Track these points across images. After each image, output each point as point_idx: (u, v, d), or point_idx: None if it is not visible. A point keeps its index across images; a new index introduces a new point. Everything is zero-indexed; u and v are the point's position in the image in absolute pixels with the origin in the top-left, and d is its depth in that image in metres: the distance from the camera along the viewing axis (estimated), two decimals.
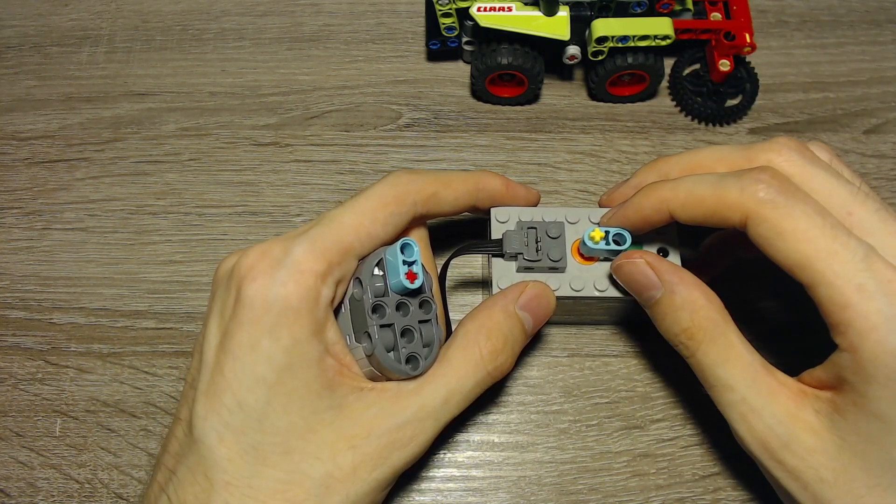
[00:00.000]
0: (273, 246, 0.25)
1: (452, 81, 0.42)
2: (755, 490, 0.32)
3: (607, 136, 0.40)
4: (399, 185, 0.27)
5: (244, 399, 0.23)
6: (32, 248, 0.38)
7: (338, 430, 0.24)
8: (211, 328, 0.25)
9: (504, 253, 0.29)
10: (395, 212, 0.27)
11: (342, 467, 0.24)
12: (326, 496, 0.23)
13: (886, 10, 0.45)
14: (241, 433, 0.23)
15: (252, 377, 0.23)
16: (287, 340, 0.23)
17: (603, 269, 0.30)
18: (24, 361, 0.35)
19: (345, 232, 0.25)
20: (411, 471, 0.32)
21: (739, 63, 0.41)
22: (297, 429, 0.24)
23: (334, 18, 0.45)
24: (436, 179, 0.28)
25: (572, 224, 0.30)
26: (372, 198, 0.26)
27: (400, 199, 0.27)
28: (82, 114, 0.41)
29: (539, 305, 0.28)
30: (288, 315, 0.23)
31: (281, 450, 0.23)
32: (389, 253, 0.25)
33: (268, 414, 0.23)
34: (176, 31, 0.44)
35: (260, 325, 0.23)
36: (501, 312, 0.27)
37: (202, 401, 0.24)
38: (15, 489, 0.32)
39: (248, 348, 0.23)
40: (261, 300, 0.23)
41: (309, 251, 0.24)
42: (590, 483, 0.32)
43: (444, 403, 0.25)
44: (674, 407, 0.34)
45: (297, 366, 0.24)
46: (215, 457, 0.23)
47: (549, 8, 0.36)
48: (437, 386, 0.25)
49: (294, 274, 0.24)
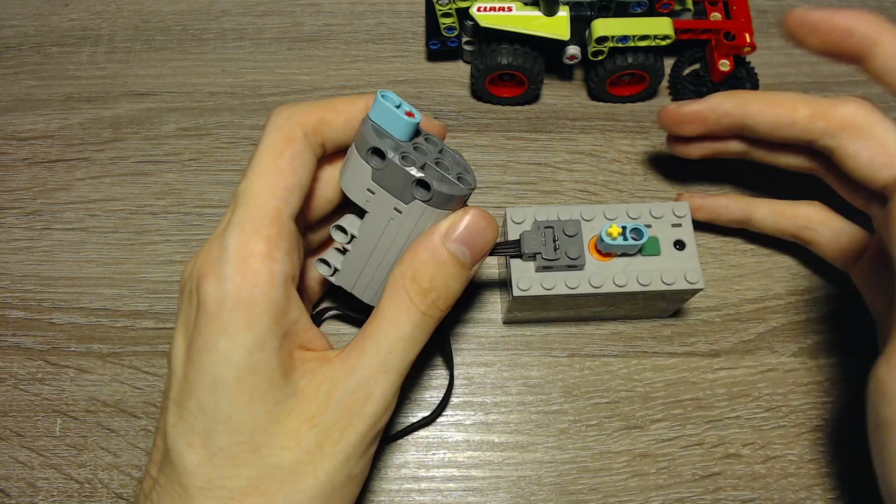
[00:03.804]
0: (210, 246, 0.24)
1: (452, 81, 0.42)
2: (755, 490, 0.32)
3: (607, 136, 0.40)
4: (283, 126, 0.26)
5: (206, 403, 0.23)
6: (32, 248, 0.38)
7: (299, 415, 0.24)
8: (177, 338, 0.25)
9: (522, 254, 0.29)
10: (294, 152, 0.25)
11: (308, 450, 0.24)
12: (299, 481, 0.23)
13: (886, 10, 0.45)
14: (207, 437, 0.23)
15: (211, 380, 0.23)
16: (245, 338, 0.23)
17: (621, 265, 0.30)
18: (24, 361, 0.35)
19: (263, 201, 0.24)
20: (411, 470, 0.32)
21: (739, 63, 0.41)
22: (262, 423, 0.23)
23: (334, 18, 0.45)
24: (318, 106, 0.27)
25: (588, 221, 0.30)
26: (265, 152, 0.25)
27: (289, 137, 0.26)
28: (82, 114, 0.41)
29: (474, 236, 0.26)
30: (242, 309, 0.23)
31: (249, 447, 0.23)
32: (374, 114, 0.25)
33: (230, 414, 0.23)
34: (176, 31, 0.44)
35: (215, 327, 0.23)
36: (426, 251, 0.25)
37: (172, 409, 0.24)
38: (15, 489, 0.32)
39: (206, 351, 0.23)
40: (213, 301, 0.23)
41: (241, 238, 0.24)
42: (590, 483, 0.32)
43: (389, 353, 0.25)
44: (674, 407, 0.34)
45: (259, 363, 0.23)
46: (185, 463, 0.23)
47: (549, 8, 0.36)
48: (376, 339, 0.25)
49: (237, 265, 0.23)
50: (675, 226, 0.31)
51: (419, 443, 0.33)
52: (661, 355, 0.35)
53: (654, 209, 0.31)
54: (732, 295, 0.36)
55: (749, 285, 0.36)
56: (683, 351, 0.35)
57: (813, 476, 0.32)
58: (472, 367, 0.35)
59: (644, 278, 0.30)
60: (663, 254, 0.30)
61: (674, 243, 0.30)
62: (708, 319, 0.36)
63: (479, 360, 0.35)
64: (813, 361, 0.35)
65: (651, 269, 0.30)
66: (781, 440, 0.33)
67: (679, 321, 0.36)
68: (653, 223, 0.31)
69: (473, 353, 0.35)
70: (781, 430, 0.33)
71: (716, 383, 0.34)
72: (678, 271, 0.30)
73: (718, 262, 0.37)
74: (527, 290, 0.29)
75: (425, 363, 0.35)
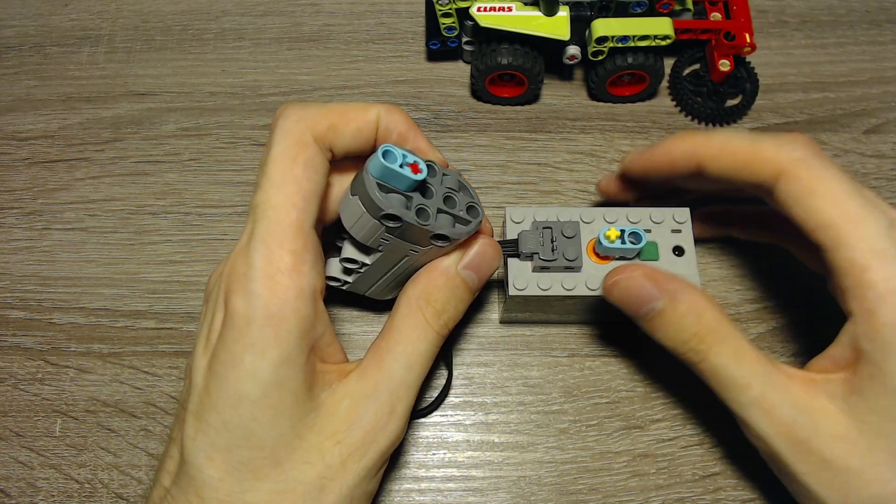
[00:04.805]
0: (235, 261, 0.24)
1: (452, 81, 0.42)
2: (755, 490, 0.32)
3: (607, 136, 0.40)
4: (293, 131, 0.25)
5: (229, 418, 0.23)
6: (32, 248, 0.38)
7: (321, 431, 0.24)
8: (198, 348, 0.25)
9: (520, 253, 0.29)
10: (307, 159, 0.25)
11: (332, 465, 0.24)
12: (321, 497, 0.23)
13: (886, 10, 0.45)
14: (229, 451, 0.23)
15: (235, 395, 0.23)
16: (274, 354, 0.23)
17: None
18: (24, 361, 0.35)
19: (284, 213, 0.24)
20: (411, 470, 0.32)
21: (739, 63, 0.41)
22: (286, 438, 0.23)
23: (334, 18, 0.45)
24: (329, 111, 0.26)
25: (587, 223, 0.30)
26: (279, 160, 0.25)
27: (301, 143, 0.25)
28: (82, 114, 0.41)
29: (482, 263, 0.28)
30: (272, 324, 0.23)
31: (271, 462, 0.23)
32: (376, 172, 0.24)
33: (254, 430, 0.23)
34: (176, 31, 0.44)
35: (242, 342, 0.23)
36: (442, 276, 0.27)
37: (191, 421, 0.24)
38: (15, 489, 0.32)
39: (231, 366, 0.23)
40: (242, 317, 0.23)
41: (266, 253, 0.23)
42: (590, 483, 0.32)
43: (409, 370, 0.25)
44: (674, 407, 0.34)
45: (286, 378, 0.23)
46: (204, 477, 0.23)
47: (549, 8, 0.36)
48: (395, 356, 0.25)
49: (264, 282, 0.23)
50: (674, 231, 0.30)
51: (419, 443, 0.33)
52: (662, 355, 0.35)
53: (654, 214, 0.31)
54: (732, 295, 0.36)
55: (749, 285, 0.36)
56: None
57: None
58: (472, 367, 0.35)
59: None
60: (662, 259, 0.30)
61: (673, 249, 0.30)
62: None
63: (479, 360, 0.35)
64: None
65: None
66: None
67: None
68: (652, 228, 0.31)
69: (473, 353, 0.35)
70: None
71: None
72: None
73: (718, 262, 0.37)
74: (523, 289, 0.29)
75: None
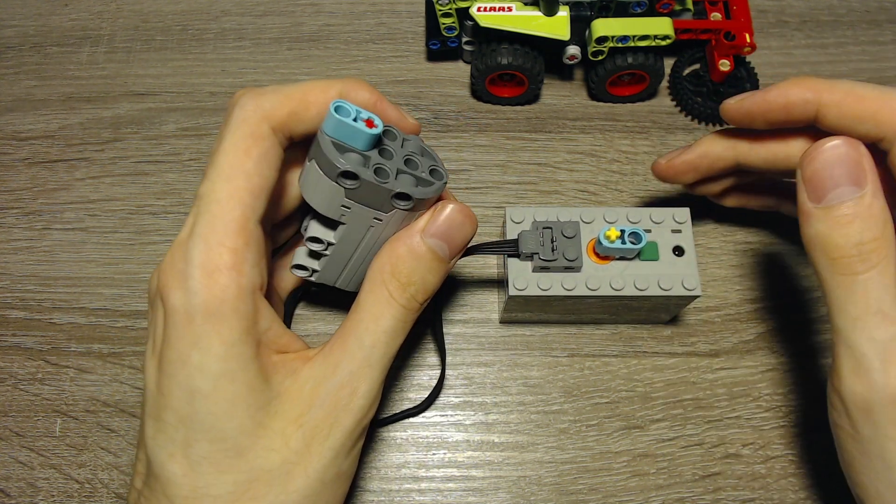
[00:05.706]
0: (173, 255, 0.23)
1: (452, 81, 0.42)
2: (755, 490, 0.32)
3: (607, 136, 0.40)
4: (248, 120, 0.24)
5: (185, 414, 0.23)
6: (32, 248, 0.38)
7: (284, 416, 0.24)
8: (148, 349, 0.25)
9: (520, 253, 0.29)
10: (261, 152, 0.24)
11: (296, 450, 0.24)
12: (288, 482, 0.23)
13: (886, 10, 0.45)
14: (188, 447, 0.23)
15: (187, 391, 0.23)
16: (219, 348, 0.23)
17: (619, 269, 0.30)
18: (24, 361, 0.35)
19: (228, 208, 0.23)
20: (411, 471, 0.32)
21: (739, 63, 0.41)
22: (246, 428, 0.23)
23: (334, 18, 0.45)
24: (288, 97, 0.25)
25: (587, 223, 0.30)
26: (230, 151, 0.23)
27: (256, 135, 0.24)
28: (82, 114, 0.41)
29: (451, 230, 0.26)
30: (213, 321, 0.22)
31: (233, 453, 0.23)
32: (329, 129, 0.23)
33: (211, 423, 0.23)
34: (176, 31, 0.44)
35: (186, 339, 0.23)
36: (404, 247, 0.25)
37: (149, 422, 0.24)
38: (15, 489, 0.32)
39: (179, 364, 0.23)
40: (182, 314, 0.22)
41: (206, 250, 0.23)
42: (590, 483, 0.32)
43: (372, 348, 0.25)
44: (674, 407, 0.34)
45: (235, 370, 0.23)
46: (168, 474, 0.23)
47: (549, 8, 0.36)
48: (358, 334, 0.25)
49: (203, 280, 0.22)
50: (674, 231, 0.31)
51: (419, 443, 0.33)
52: (662, 355, 0.35)
53: (655, 214, 0.31)
54: (732, 295, 0.36)
55: (749, 285, 0.36)
56: (683, 351, 0.35)
57: (813, 476, 0.32)
58: (472, 368, 0.35)
59: (641, 283, 0.29)
60: (662, 259, 0.30)
61: (673, 249, 0.30)
62: (708, 319, 0.36)
63: (479, 360, 0.35)
64: (813, 361, 0.35)
65: (648, 275, 0.30)
66: (781, 440, 0.33)
67: (679, 321, 0.36)
68: (652, 228, 0.31)
69: (473, 354, 0.35)
70: (781, 430, 0.33)
71: (716, 383, 0.34)
72: (676, 277, 0.30)
73: (718, 263, 0.37)
74: (523, 289, 0.29)
75: (421, 363, 0.35)
